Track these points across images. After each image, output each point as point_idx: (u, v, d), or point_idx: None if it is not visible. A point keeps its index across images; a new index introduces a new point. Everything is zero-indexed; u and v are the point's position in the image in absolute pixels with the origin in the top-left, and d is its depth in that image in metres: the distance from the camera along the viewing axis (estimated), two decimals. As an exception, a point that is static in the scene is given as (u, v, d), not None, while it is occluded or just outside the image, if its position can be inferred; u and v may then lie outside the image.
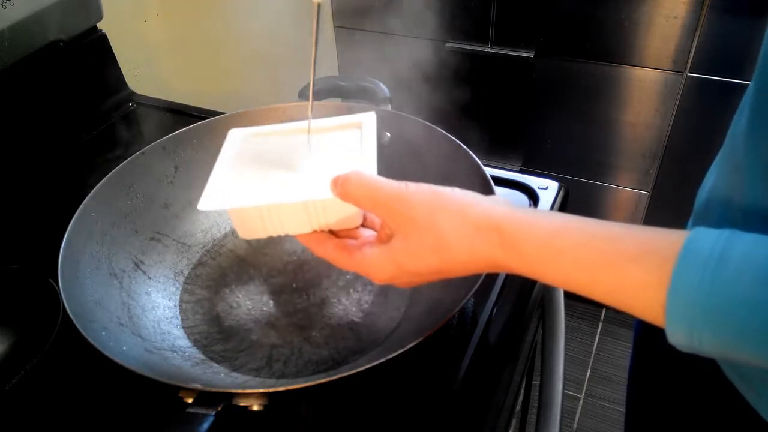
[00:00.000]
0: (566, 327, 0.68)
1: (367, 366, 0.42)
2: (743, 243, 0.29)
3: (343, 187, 0.41)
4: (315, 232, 0.46)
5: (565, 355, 0.66)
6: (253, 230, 0.46)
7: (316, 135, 0.49)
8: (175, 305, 0.59)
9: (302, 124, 0.50)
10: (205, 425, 0.41)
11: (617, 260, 0.32)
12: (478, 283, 0.48)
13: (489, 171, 0.58)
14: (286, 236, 0.47)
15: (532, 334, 0.61)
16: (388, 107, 0.72)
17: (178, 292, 0.61)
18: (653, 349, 0.62)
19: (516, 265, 0.36)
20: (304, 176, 0.46)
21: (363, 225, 0.47)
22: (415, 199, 0.39)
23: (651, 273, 0.30)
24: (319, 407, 0.51)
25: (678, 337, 0.30)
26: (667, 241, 0.31)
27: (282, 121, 0.70)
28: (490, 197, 0.39)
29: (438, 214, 0.38)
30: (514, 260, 0.36)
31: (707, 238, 0.30)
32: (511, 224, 0.36)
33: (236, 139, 0.51)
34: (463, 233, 0.37)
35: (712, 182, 0.48)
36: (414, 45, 1.48)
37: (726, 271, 0.28)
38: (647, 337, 0.63)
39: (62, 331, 0.56)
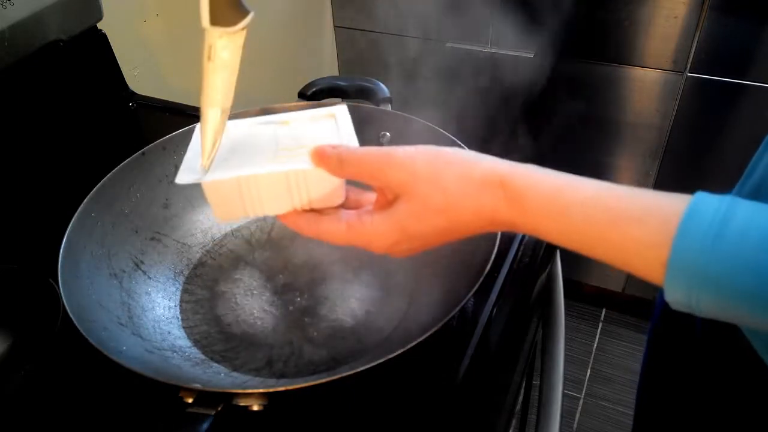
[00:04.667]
0: (566, 327, 0.68)
1: (367, 366, 0.42)
2: (745, 208, 0.30)
3: (338, 160, 0.40)
4: (297, 211, 0.43)
5: (565, 355, 0.66)
6: (230, 209, 0.43)
7: (292, 124, 0.48)
8: (175, 305, 0.59)
9: (275, 117, 0.48)
10: (205, 425, 0.41)
11: (622, 218, 0.32)
12: (478, 283, 0.48)
13: (489, 171, 0.58)
14: (266, 217, 0.44)
15: (532, 334, 0.61)
16: (388, 107, 0.72)
17: (178, 292, 0.61)
18: (669, 348, 0.62)
19: (520, 220, 0.36)
20: (284, 154, 0.44)
21: (343, 206, 0.44)
22: (418, 160, 0.38)
23: (654, 233, 0.31)
24: (319, 407, 0.51)
25: (676, 296, 0.31)
26: (671, 203, 0.31)
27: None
28: (491, 156, 0.38)
29: (442, 173, 0.37)
30: (517, 215, 0.36)
31: (711, 202, 0.30)
32: (515, 179, 0.36)
33: None
34: (469, 190, 0.36)
35: (765, 168, 0.47)
36: (414, 45, 1.48)
37: (728, 233, 0.29)
38: (662, 337, 0.63)
39: (62, 331, 0.56)
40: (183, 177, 0.43)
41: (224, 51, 0.38)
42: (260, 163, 0.43)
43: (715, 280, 0.29)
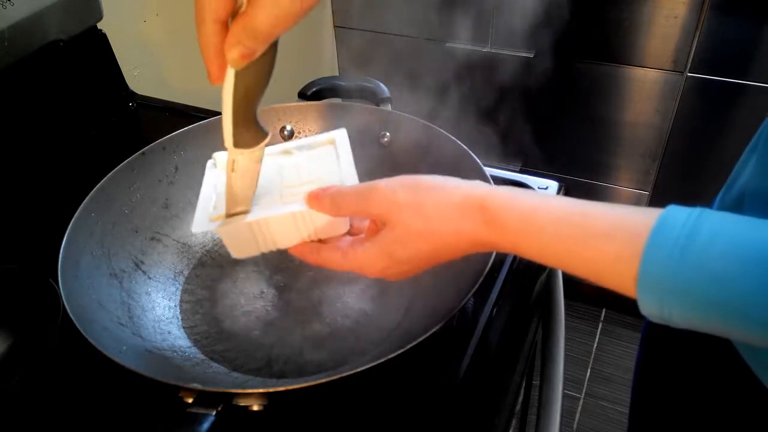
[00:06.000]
0: (566, 327, 0.68)
1: (367, 366, 0.42)
2: (713, 220, 0.30)
3: (331, 202, 0.43)
4: (305, 242, 0.47)
5: (565, 355, 0.66)
6: (245, 248, 0.48)
7: (295, 154, 0.51)
8: (175, 305, 0.59)
9: (278, 147, 0.52)
10: (205, 425, 0.41)
11: (592, 235, 0.33)
12: (478, 283, 0.48)
13: (489, 171, 0.58)
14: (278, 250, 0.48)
15: (532, 334, 0.61)
16: (388, 107, 0.72)
17: (178, 292, 0.61)
18: (661, 348, 0.62)
19: (499, 240, 0.37)
20: (289, 192, 0.47)
21: (349, 233, 0.48)
22: (399, 190, 0.40)
23: (624, 247, 0.32)
24: (319, 407, 0.51)
25: (650, 309, 0.32)
26: (641, 218, 0.32)
27: (280, 121, 0.70)
28: (470, 181, 0.40)
29: (422, 200, 0.39)
30: (497, 236, 0.37)
31: (680, 215, 0.31)
32: (493, 202, 0.37)
33: (219, 162, 0.52)
34: (448, 215, 0.38)
35: (747, 178, 0.49)
36: (414, 45, 1.48)
37: (695, 245, 0.30)
38: (655, 337, 0.64)
39: (62, 331, 0.56)
40: (198, 225, 0.46)
41: (245, 163, 0.43)
42: (268, 205, 0.46)
43: (684, 291, 0.30)
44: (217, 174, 0.50)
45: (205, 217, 0.47)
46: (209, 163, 0.52)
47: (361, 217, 0.47)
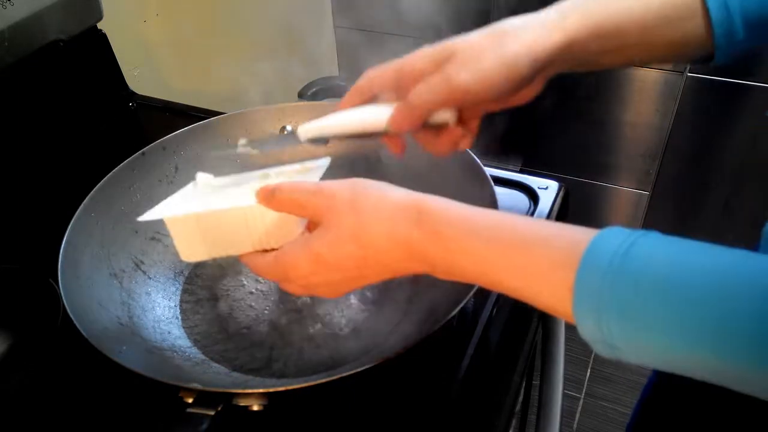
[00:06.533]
0: (566, 327, 0.68)
1: (367, 366, 0.42)
2: (658, 235, 0.30)
3: (271, 191, 0.41)
4: (256, 251, 0.44)
5: (565, 355, 0.66)
6: (194, 248, 0.45)
7: (269, 179, 0.48)
8: (175, 305, 0.59)
9: (257, 172, 0.49)
10: (205, 425, 0.41)
11: (529, 240, 0.32)
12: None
13: (489, 171, 0.58)
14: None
15: (532, 333, 0.61)
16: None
17: (178, 292, 0.61)
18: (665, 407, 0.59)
19: (431, 249, 0.35)
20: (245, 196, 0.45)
21: None
22: (336, 189, 0.39)
23: (561, 254, 0.31)
24: (319, 407, 0.51)
25: (587, 325, 0.30)
26: (583, 230, 0.31)
27: (280, 121, 0.70)
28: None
29: (359, 198, 0.38)
30: (430, 243, 0.35)
31: (624, 230, 0.30)
32: (430, 204, 0.36)
33: (200, 182, 0.50)
34: (383, 215, 0.37)
35: None
36: (414, 45, 1.47)
37: (636, 252, 0.29)
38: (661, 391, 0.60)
39: (62, 331, 0.56)
40: (146, 215, 0.45)
41: None
42: (220, 203, 0.44)
43: (622, 302, 0.28)
44: (195, 188, 0.49)
45: (158, 209, 0.45)
46: (191, 183, 0.50)
47: (297, 215, 0.43)
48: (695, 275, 0.28)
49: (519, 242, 0.33)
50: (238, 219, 0.43)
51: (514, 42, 0.41)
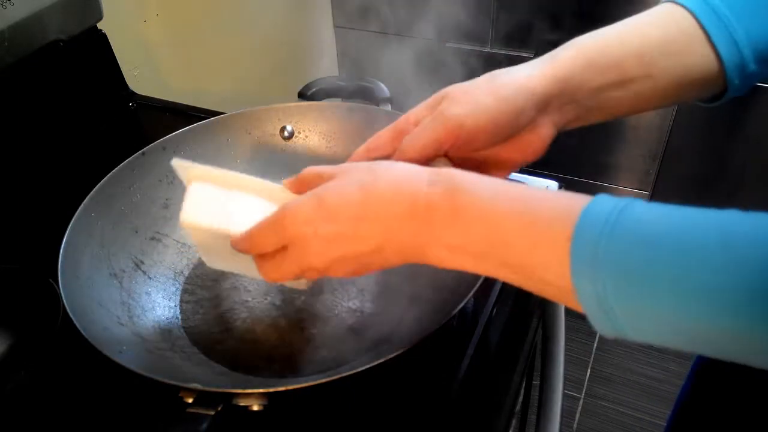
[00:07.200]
0: (566, 327, 0.68)
1: (367, 366, 0.42)
2: (650, 202, 0.30)
3: (296, 179, 0.42)
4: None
5: (565, 355, 0.66)
6: (216, 258, 0.47)
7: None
8: (175, 305, 0.59)
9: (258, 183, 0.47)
10: (205, 425, 0.41)
11: (530, 197, 0.33)
12: (479, 283, 0.48)
13: (489, 171, 0.58)
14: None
15: (532, 334, 0.61)
16: (388, 107, 0.72)
17: (178, 292, 0.61)
18: (713, 385, 0.59)
19: (437, 200, 0.35)
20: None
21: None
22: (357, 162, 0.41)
23: (561, 207, 0.32)
24: (319, 407, 0.51)
25: (585, 289, 0.30)
26: (582, 196, 0.32)
27: (280, 121, 0.70)
28: None
29: (376, 163, 0.39)
30: (438, 196, 0.35)
31: (617, 197, 0.31)
32: (446, 170, 0.37)
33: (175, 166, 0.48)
34: (396, 170, 0.37)
35: None
36: (414, 45, 1.48)
37: (633, 210, 0.29)
38: (707, 370, 0.60)
39: (62, 331, 0.56)
40: (186, 217, 0.45)
41: None
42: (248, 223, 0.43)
43: (617, 254, 0.29)
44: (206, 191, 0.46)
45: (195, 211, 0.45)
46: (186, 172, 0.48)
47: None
48: (695, 226, 0.28)
49: (522, 197, 0.33)
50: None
51: (507, 77, 0.41)
